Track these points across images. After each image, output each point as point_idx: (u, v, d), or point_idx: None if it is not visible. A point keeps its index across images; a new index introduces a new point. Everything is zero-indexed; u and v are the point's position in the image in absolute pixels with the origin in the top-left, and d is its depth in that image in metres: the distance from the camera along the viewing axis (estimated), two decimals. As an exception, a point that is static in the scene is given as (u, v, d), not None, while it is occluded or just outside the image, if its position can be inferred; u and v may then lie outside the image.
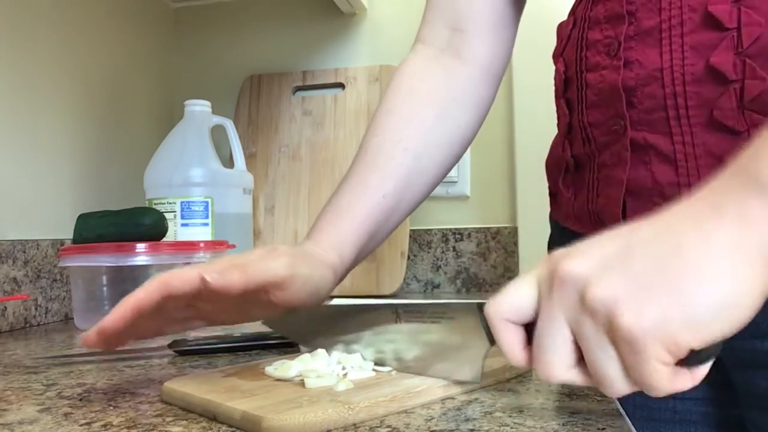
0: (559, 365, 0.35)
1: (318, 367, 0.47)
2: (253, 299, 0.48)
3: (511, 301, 0.37)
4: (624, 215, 0.57)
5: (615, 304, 0.32)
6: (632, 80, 0.53)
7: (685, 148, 0.51)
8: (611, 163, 0.56)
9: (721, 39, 0.48)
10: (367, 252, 0.60)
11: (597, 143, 0.57)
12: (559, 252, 0.36)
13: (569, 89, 0.61)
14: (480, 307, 0.40)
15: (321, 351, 0.50)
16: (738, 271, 0.31)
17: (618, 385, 0.34)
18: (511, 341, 0.37)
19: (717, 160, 0.50)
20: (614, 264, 0.33)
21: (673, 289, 0.32)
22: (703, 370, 0.34)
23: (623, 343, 0.32)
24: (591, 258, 0.34)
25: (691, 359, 0.32)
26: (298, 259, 0.50)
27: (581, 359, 0.35)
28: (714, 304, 0.31)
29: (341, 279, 0.56)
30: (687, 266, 0.32)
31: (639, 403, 0.61)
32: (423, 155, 0.62)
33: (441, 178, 0.65)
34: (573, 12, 0.63)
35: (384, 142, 0.61)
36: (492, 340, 0.40)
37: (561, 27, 0.65)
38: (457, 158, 0.66)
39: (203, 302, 0.48)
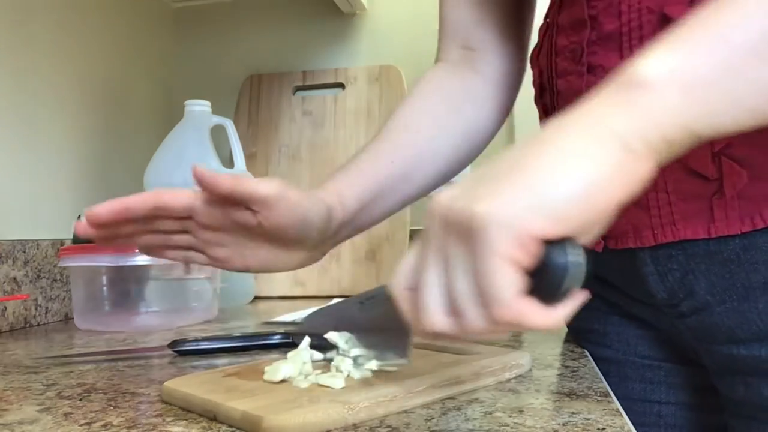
0: (434, 309, 0.33)
1: (305, 368, 0.47)
2: (244, 225, 0.49)
3: (403, 267, 0.36)
4: None
5: (470, 205, 0.31)
6: (596, 85, 0.53)
7: None
8: None
9: None
10: (370, 214, 0.59)
11: None
12: None
13: (544, 96, 0.62)
14: None
15: (293, 353, 0.50)
16: (591, 158, 0.30)
17: (472, 310, 0.31)
18: (411, 310, 0.35)
19: (680, 163, 0.50)
20: (476, 182, 0.33)
21: (523, 179, 0.31)
22: (560, 311, 0.31)
23: (473, 241, 0.30)
24: (458, 186, 0.34)
25: (546, 281, 0.30)
26: (290, 187, 0.50)
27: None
28: (563, 187, 0.30)
29: (340, 226, 0.55)
30: (538, 157, 0.31)
31: (624, 407, 0.61)
32: (435, 138, 0.62)
33: (457, 165, 0.65)
34: (546, 17, 0.63)
35: (396, 126, 0.62)
36: None
37: (539, 31, 0.65)
38: (475, 150, 0.66)
39: (197, 226, 0.49)
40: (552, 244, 0.30)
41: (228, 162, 1.15)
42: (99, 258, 0.82)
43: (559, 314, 0.31)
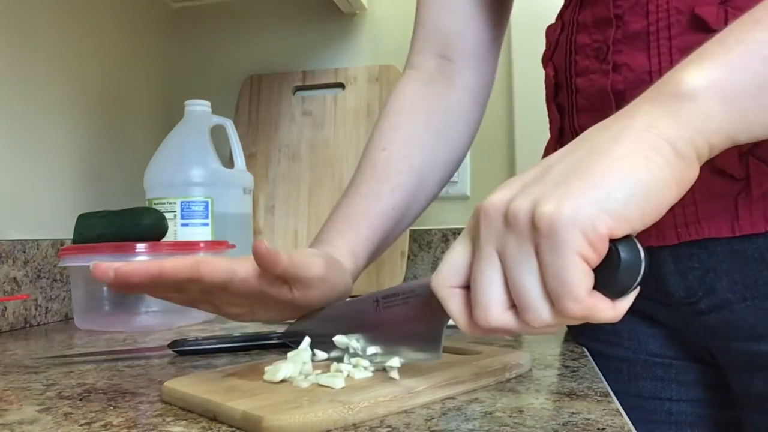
0: (494, 305, 0.34)
1: (305, 368, 0.47)
2: (273, 294, 0.49)
3: (449, 265, 0.37)
4: None
5: (536, 205, 0.33)
6: (621, 84, 0.53)
7: None
8: None
9: None
10: (373, 259, 0.61)
11: None
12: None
13: (560, 94, 0.62)
14: None
15: (293, 353, 0.49)
16: (649, 163, 0.32)
17: (539, 306, 0.33)
18: (459, 308, 0.37)
19: (707, 163, 0.50)
20: (533, 181, 0.35)
21: (587, 181, 0.32)
22: (625, 303, 0.33)
23: (543, 240, 0.32)
24: (511, 186, 0.36)
25: (613, 277, 0.32)
26: (331, 264, 0.51)
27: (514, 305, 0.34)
28: (627, 190, 0.32)
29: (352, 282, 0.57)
30: (599, 161, 0.33)
31: (634, 405, 0.61)
32: (425, 172, 0.63)
33: (436, 196, 0.67)
34: (561, 16, 0.63)
35: (392, 157, 0.62)
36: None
37: (549, 30, 0.65)
38: (450, 177, 0.68)
39: (224, 294, 0.48)
40: (614, 242, 0.32)
41: (228, 162, 1.15)
42: (99, 258, 0.82)
43: (623, 307, 0.33)
